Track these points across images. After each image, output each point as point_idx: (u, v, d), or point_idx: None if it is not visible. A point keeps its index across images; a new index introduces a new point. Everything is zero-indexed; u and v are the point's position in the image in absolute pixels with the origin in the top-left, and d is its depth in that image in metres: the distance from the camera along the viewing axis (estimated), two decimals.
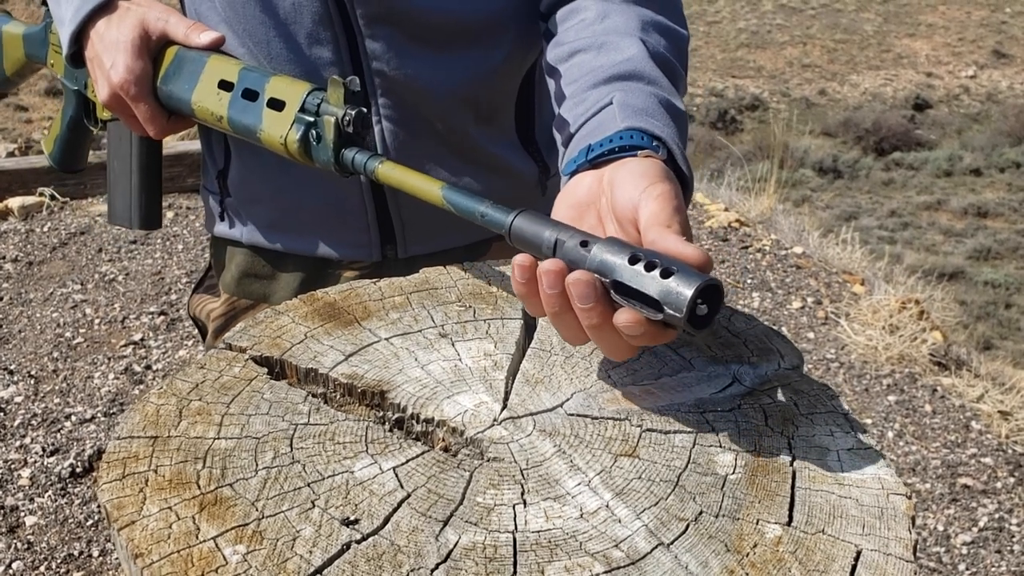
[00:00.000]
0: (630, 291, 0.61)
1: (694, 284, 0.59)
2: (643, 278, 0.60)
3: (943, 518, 2.79)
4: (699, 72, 23.99)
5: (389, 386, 0.71)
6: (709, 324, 0.61)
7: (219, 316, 1.24)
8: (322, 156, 0.85)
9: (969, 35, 26.01)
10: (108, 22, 0.99)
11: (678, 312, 0.59)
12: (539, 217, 0.68)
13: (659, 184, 0.72)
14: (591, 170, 0.80)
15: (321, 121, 0.85)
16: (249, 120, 0.91)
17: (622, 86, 0.86)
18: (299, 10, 1.01)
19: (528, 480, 0.62)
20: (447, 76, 1.05)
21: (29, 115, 15.10)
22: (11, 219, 4.39)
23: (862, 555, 0.57)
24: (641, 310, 0.61)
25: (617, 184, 0.75)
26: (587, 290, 0.62)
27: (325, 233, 1.14)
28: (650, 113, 0.83)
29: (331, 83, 0.83)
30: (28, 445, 2.73)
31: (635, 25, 0.93)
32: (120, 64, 0.97)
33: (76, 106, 1.19)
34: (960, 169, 17.65)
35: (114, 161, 1.16)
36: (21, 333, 3.42)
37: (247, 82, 0.93)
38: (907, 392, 3.44)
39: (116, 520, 0.58)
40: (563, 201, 0.79)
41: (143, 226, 1.17)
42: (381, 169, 0.80)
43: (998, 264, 12.44)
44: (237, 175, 1.16)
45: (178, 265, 3.99)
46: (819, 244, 4.93)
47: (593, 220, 0.77)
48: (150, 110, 1.00)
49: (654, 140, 0.80)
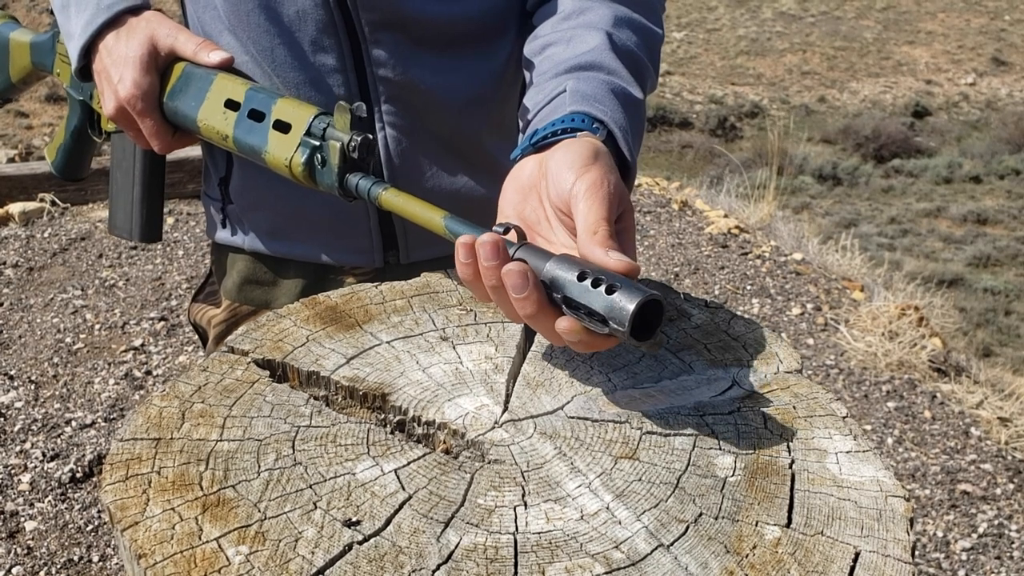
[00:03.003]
0: (579, 306, 0.65)
1: (635, 300, 0.62)
2: (590, 294, 0.64)
3: (943, 524, 2.79)
4: (698, 79, 24.03)
5: (390, 389, 0.71)
6: (652, 336, 0.65)
7: (221, 322, 1.24)
8: (326, 180, 0.86)
9: (968, 42, 26.06)
10: (117, 37, 0.99)
11: (621, 326, 0.63)
12: (539, 251, 0.70)
13: (587, 174, 0.74)
14: (534, 154, 0.82)
15: (327, 146, 0.85)
16: (254, 141, 0.92)
17: (577, 75, 0.89)
18: (303, 18, 1.02)
19: (529, 482, 0.63)
20: (451, 80, 1.06)
21: (30, 121, 15.11)
22: (12, 225, 4.40)
23: (860, 556, 0.57)
24: (589, 324, 0.65)
25: (551, 171, 0.77)
26: (519, 280, 0.65)
27: (327, 239, 1.14)
28: (598, 99, 0.85)
29: (338, 109, 0.84)
30: (28, 450, 2.73)
31: (607, 21, 0.95)
32: (128, 79, 0.98)
33: (81, 116, 1.20)
34: (959, 176, 17.67)
35: (117, 172, 1.17)
36: (21, 338, 3.42)
37: (254, 102, 0.93)
38: (906, 398, 3.44)
39: (119, 521, 0.58)
40: (509, 185, 0.82)
41: (144, 238, 1.17)
42: (384, 196, 0.81)
43: (997, 271, 12.45)
44: (239, 182, 1.16)
45: (178, 271, 3.99)
46: (818, 251, 4.94)
47: (535, 202, 0.80)
48: (156, 125, 1.00)
49: (595, 122, 0.82)
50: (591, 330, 0.65)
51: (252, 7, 1.02)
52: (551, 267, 0.67)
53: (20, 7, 19.24)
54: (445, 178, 1.10)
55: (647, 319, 0.64)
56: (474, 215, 1.08)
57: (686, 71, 24.61)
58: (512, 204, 0.81)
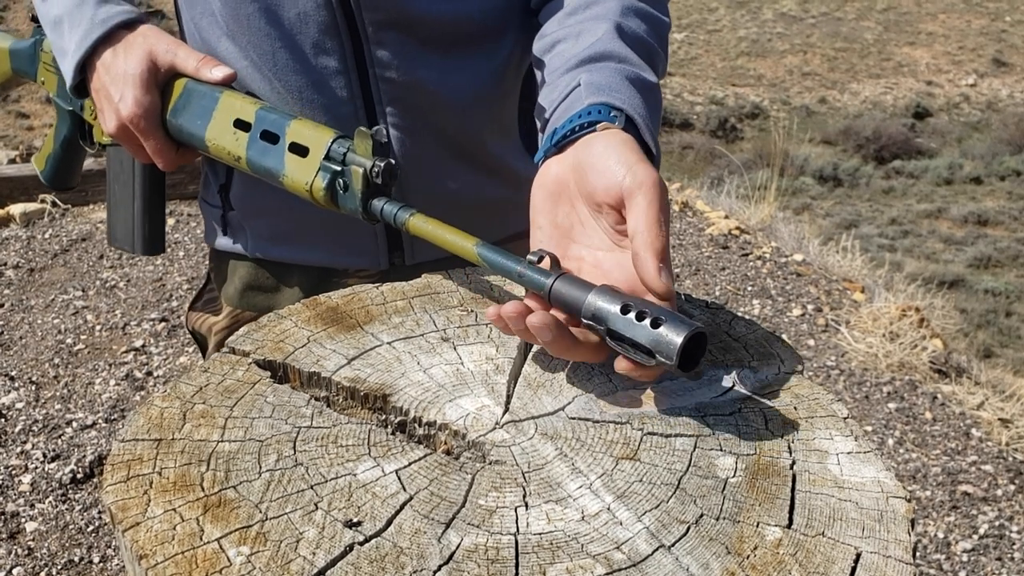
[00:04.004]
0: (624, 339, 0.66)
1: (682, 334, 0.64)
2: (635, 327, 0.66)
3: (943, 525, 2.79)
4: (699, 80, 24.04)
5: (391, 390, 0.71)
6: (697, 365, 0.67)
7: (222, 329, 1.23)
8: (349, 204, 0.85)
9: (969, 44, 26.06)
10: (114, 53, 0.98)
11: (669, 359, 0.64)
12: (578, 282, 0.70)
13: (638, 168, 0.73)
14: (557, 155, 0.81)
15: (349, 171, 0.84)
16: (270, 163, 0.91)
17: (590, 67, 0.88)
18: (305, 20, 1.01)
19: (530, 483, 0.63)
20: (454, 79, 1.06)
21: (30, 122, 15.12)
22: (12, 226, 4.40)
23: (862, 557, 0.57)
24: (634, 356, 0.66)
25: (591, 166, 0.76)
26: (544, 331, 0.67)
27: (332, 242, 1.14)
28: (614, 88, 0.84)
29: (358, 134, 0.83)
30: (29, 451, 2.73)
31: (615, 11, 0.95)
32: (129, 97, 0.96)
33: (71, 126, 1.17)
34: (960, 177, 17.67)
35: (115, 185, 1.14)
36: (22, 339, 3.42)
37: (266, 124, 0.92)
38: (907, 399, 3.44)
39: (121, 521, 0.58)
40: (537, 192, 0.81)
41: (146, 251, 1.15)
42: (412, 222, 0.80)
43: (998, 272, 12.45)
44: (241, 188, 1.15)
45: (179, 272, 3.99)
46: (819, 252, 4.94)
47: (567, 207, 0.79)
48: (159, 143, 0.99)
49: (612, 111, 0.81)
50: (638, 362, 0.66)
51: (252, 11, 1.01)
52: (592, 299, 0.68)
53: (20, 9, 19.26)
54: (448, 178, 1.10)
55: (689, 348, 0.65)
56: (478, 215, 1.08)
57: (687, 72, 24.62)
58: (544, 212, 0.80)
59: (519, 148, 1.15)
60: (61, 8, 1.01)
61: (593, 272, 0.76)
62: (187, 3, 1.09)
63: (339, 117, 1.05)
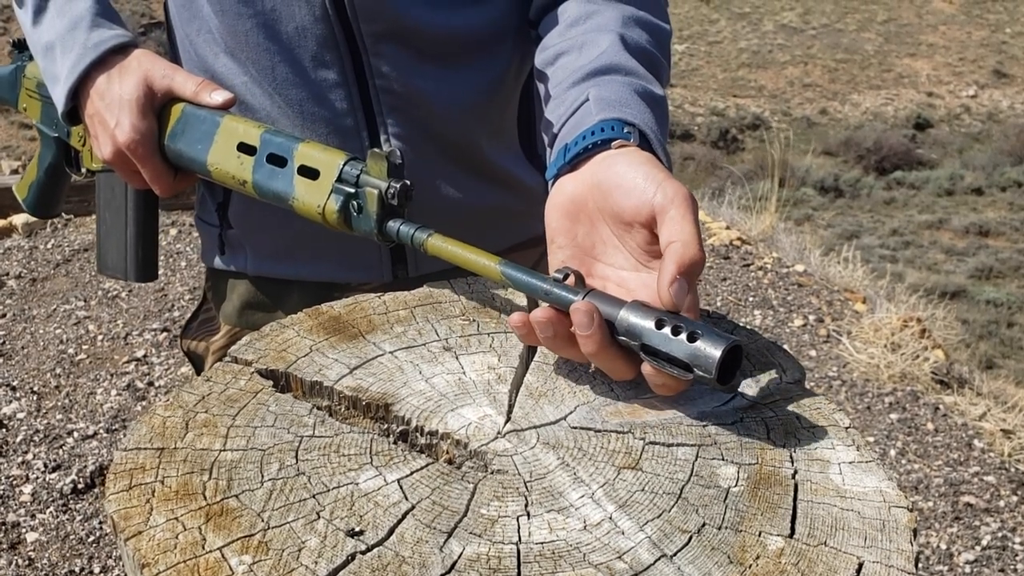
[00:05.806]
0: (660, 353, 0.66)
1: (720, 347, 0.64)
2: (672, 342, 0.66)
3: (946, 536, 2.78)
4: (700, 91, 24.09)
5: (393, 399, 0.71)
6: (733, 379, 0.67)
7: (221, 348, 1.21)
8: (363, 226, 0.84)
9: (970, 55, 26.11)
10: (109, 79, 0.97)
11: (708, 373, 0.64)
12: (609, 298, 0.70)
13: (667, 184, 0.73)
14: (571, 172, 0.80)
15: (363, 193, 0.83)
16: (279, 187, 0.89)
17: (598, 81, 0.87)
18: (303, 34, 1.01)
19: (532, 492, 0.63)
20: (453, 89, 1.06)
21: (33, 133, 15.16)
22: (15, 236, 4.41)
23: (864, 567, 0.57)
24: (670, 370, 0.66)
25: (617, 185, 0.75)
26: (585, 319, 0.67)
27: (334, 257, 1.12)
28: (624, 103, 0.83)
29: (372, 156, 0.82)
30: (30, 461, 2.73)
31: (617, 22, 0.94)
32: (125, 123, 0.95)
33: (56, 152, 1.15)
34: (961, 188, 17.69)
35: (106, 212, 1.12)
36: (24, 349, 3.42)
37: (271, 147, 0.90)
38: (909, 410, 3.44)
39: (123, 530, 0.58)
40: (553, 212, 0.80)
41: (140, 278, 1.13)
42: (431, 242, 0.79)
43: (1000, 283, 12.44)
44: (240, 206, 1.13)
45: (181, 282, 4.00)
46: (821, 262, 4.94)
47: (587, 226, 0.78)
48: (157, 169, 0.98)
49: (625, 127, 0.80)
50: (671, 375, 0.67)
51: (250, 27, 1.01)
52: (625, 314, 0.68)
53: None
54: (450, 187, 1.10)
55: (726, 361, 0.65)
56: (479, 224, 1.08)
57: (688, 83, 24.67)
58: (562, 232, 0.79)
59: (519, 156, 1.15)
60: (52, 34, 1.00)
61: (618, 292, 0.74)
62: (182, 21, 1.08)
63: (340, 129, 1.05)
